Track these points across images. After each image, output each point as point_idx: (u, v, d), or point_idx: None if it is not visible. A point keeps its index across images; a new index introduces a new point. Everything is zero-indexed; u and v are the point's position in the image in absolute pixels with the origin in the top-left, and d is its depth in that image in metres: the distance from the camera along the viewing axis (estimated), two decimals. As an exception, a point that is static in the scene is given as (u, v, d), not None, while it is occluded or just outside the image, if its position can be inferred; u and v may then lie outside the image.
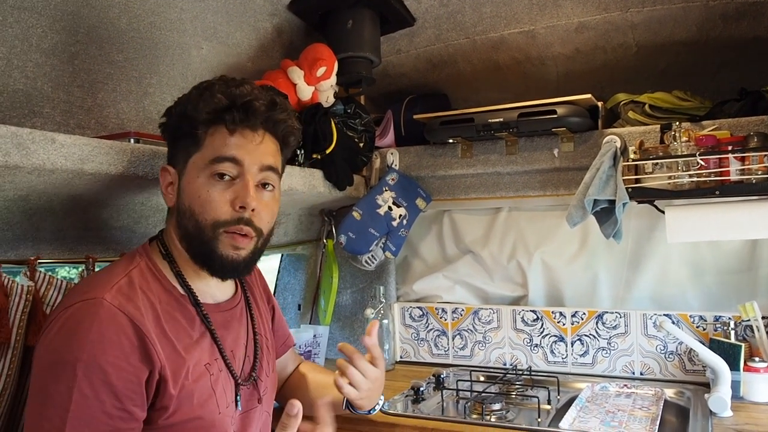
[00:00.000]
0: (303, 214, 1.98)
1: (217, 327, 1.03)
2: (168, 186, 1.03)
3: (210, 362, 0.99)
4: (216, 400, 0.98)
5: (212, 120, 0.98)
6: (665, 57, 1.73)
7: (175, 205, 1.02)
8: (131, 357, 0.87)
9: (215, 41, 1.57)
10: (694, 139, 1.46)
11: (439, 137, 1.82)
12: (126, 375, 0.86)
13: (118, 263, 1.00)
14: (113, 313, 0.87)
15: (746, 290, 1.69)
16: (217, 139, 0.98)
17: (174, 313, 0.97)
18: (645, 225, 1.78)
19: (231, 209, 0.98)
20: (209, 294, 1.06)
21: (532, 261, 1.92)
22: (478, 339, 1.95)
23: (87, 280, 0.99)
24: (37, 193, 1.09)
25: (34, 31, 1.18)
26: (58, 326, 0.87)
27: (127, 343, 0.87)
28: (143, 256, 1.01)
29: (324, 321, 2.00)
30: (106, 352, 0.84)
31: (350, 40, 1.70)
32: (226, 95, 0.98)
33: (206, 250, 0.99)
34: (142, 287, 0.95)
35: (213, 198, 0.97)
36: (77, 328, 0.85)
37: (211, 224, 0.98)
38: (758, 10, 1.50)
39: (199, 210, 0.98)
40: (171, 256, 1.02)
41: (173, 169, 1.02)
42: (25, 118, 1.18)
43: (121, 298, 0.90)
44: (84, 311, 0.87)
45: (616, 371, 1.77)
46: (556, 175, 1.78)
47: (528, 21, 1.69)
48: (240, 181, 0.99)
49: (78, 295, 0.90)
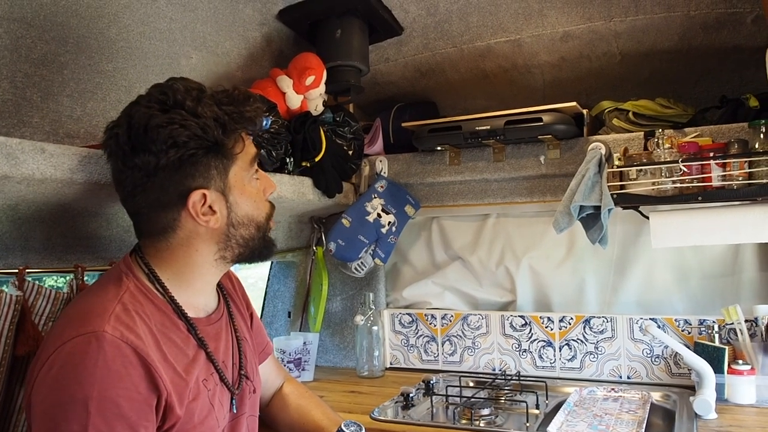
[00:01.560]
0: (292, 222, 1.99)
1: (209, 340, 1.03)
2: (206, 208, 0.98)
3: (206, 378, 1.00)
4: (215, 414, 0.99)
5: (237, 130, 1.01)
6: (648, 65, 1.76)
7: (221, 225, 1.00)
8: (140, 386, 0.86)
9: (204, 50, 1.58)
10: (676, 145, 1.49)
11: (427, 145, 1.84)
12: (138, 405, 0.85)
13: (106, 286, 0.96)
14: (117, 344, 0.85)
15: (730, 294, 1.71)
16: (243, 143, 1.03)
17: (169, 334, 0.96)
18: (630, 230, 1.80)
19: (265, 200, 1.09)
20: (200, 308, 1.06)
21: (520, 267, 1.94)
22: (468, 345, 1.97)
23: (78, 308, 0.93)
24: (26, 202, 1.09)
25: (23, 42, 1.18)
26: (60, 364, 0.84)
27: (135, 374, 0.86)
28: (129, 276, 0.97)
29: (314, 328, 2.01)
30: (116, 386, 0.83)
31: (339, 49, 1.72)
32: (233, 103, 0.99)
33: (265, 242, 1.08)
34: (137, 311, 0.92)
35: (260, 196, 1.07)
36: (82, 365, 0.83)
37: (265, 219, 1.07)
38: (737, 20, 1.54)
39: (256, 213, 1.05)
40: (155, 275, 0.99)
41: (209, 191, 0.97)
42: (14, 128, 1.18)
43: (122, 327, 0.87)
44: (85, 346, 0.84)
45: (604, 375, 1.79)
46: (543, 182, 1.80)
47: (514, 30, 1.72)
48: (259, 173, 1.08)
49: (74, 327, 0.87)
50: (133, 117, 0.94)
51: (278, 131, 1.52)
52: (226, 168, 0.99)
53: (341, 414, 1.55)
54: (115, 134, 0.96)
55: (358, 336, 1.96)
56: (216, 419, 0.99)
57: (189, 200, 0.96)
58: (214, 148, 0.97)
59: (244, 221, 1.03)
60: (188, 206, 0.96)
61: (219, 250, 1.03)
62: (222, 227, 1.01)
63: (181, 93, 0.95)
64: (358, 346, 1.97)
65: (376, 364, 1.96)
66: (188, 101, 0.95)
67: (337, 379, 1.94)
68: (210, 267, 1.04)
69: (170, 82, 0.99)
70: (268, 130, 1.48)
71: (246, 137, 1.04)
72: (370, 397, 1.70)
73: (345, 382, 1.90)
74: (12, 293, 1.10)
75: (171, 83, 0.98)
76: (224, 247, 1.03)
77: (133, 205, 1.00)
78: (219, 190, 0.99)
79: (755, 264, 1.70)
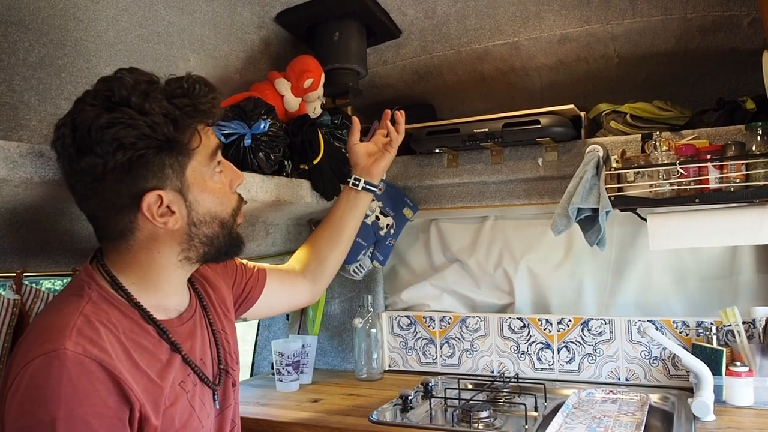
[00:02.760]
0: (291, 224, 1.99)
1: (183, 340, 0.99)
2: (163, 209, 0.93)
3: (183, 379, 0.96)
4: (197, 415, 0.97)
5: (192, 123, 0.94)
6: (646, 68, 1.76)
7: (181, 226, 0.96)
8: (109, 401, 0.82)
9: (202, 53, 1.58)
10: (674, 148, 1.49)
11: (425, 147, 1.84)
12: (108, 421, 0.81)
13: (67, 298, 0.91)
14: (80, 361, 0.80)
15: (727, 296, 1.72)
16: (200, 137, 0.95)
17: (139, 340, 0.92)
18: (628, 233, 1.81)
19: (232, 194, 1.02)
20: (171, 308, 1.02)
21: (518, 269, 1.95)
22: (466, 347, 1.97)
23: (41, 324, 0.88)
24: (24, 206, 1.09)
25: (20, 45, 1.18)
26: (24, 386, 0.79)
27: (102, 389, 0.81)
28: (92, 285, 0.92)
29: (312, 331, 2.00)
30: (83, 404, 0.79)
31: (337, 52, 1.72)
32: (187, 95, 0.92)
33: (233, 240, 1.03)
34: (101, 321, 0.87)
35: (224, 191, 1.00)
36: (45, 386, 0.79)
37: (230, 215, 1.01)
38: (734, 22, 1.54)
39: (220, 209, 1.00)
40: (117, 281, 0.94)
41: (165, 191, 0.92)
42: (11, 131, 1.18)
43: (84, 342, 0.82)
44: (47, 366, 0.80)
45: (602, 377, 1.79)
46: (541, 184, 1.80)
47: (512, 33, 1.72)
48: (222, 165, 1.01)
49: (35, 347, 0.82)
50: (78, 117, 0.88)
51: (276, 134, 1.52)
52: (182, 165, 0.93)
53: (339, 418, 1.56)
54: (61, 134, 0.90)
55: (357, 338, 1.96)
56: (198, 419, 0.97)
57: (143, 203, 0.90)
58: (166, 146, 0.90)
59: (207, 219, 0.97)
60: (143, 209, 0.90)
61: (182, 251, 0.98)
62: (183, 227, 0.95)
63: (128, 88, 0.88)
64: (357, 348, 1.97)
65: (375, 367, 1.96)
66: (134, 97, 0.87)
67: (335, 382, 1.94)
68: (175, 269, 0.99)
69: (118, 74, 0.90)
70: (266, 133, 1.47)
71: (204, 130, 0.96)
72: (369, 400, 1.70)
73: (343, 385, 1.90)
74: (10, 297, 1.11)
75: (119, 75, 0.90)
76: (188, 248, 0.98)
77: (87, 208, 0.95)
78: (176, 189, 0.93)
79: (752, 266, 1.70)
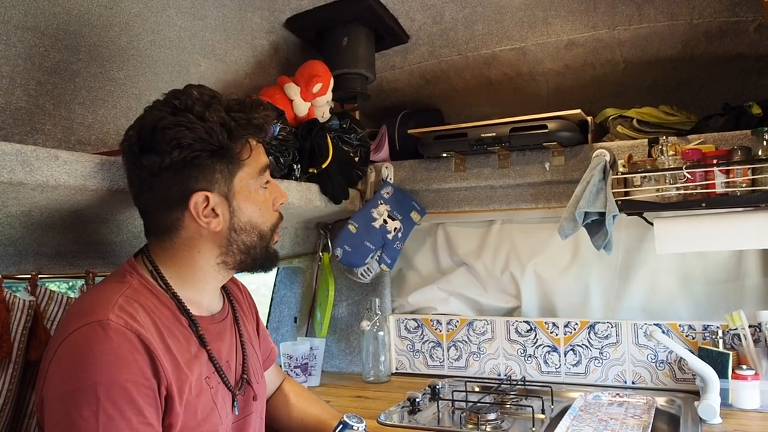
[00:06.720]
0: (299, 228, 2.00)
1: (212, 339, 1.04)
2: (208, 210, 1.00)
3: (209, 375, 1.01)
4: (218, 411, 1.00)
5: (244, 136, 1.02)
6: (652, 73, 1.77)
7: (223, 229, 1.02)
8: (146, 372, 0.88)
9: (213, 58, 1.60)
10: (680, 152, 1.50)
11: (433, 151, 1.86)
12: (145, 390, 0.87)
13: (109, 283, 0.99)
14: (121, 331, 0.87)
15: (733, 299, 1.72)
16: (253, 151, 1.04)
17: (173, 328, 0.98)
18: (634, 237, 1.82)
19: (273, 211, 1.10)
20: (204, 306, 1.07)
21: (525, 272, 1.95)
22: (473, 350, 1.97)
23: (81, 302, 0.97)
24: (39, 208, 1.11)
25: (36, 50, 1.20)
26: (68, 353, 0.86)
27: (141, 359, 0.88)
28: (133, 274, 1.00)
29: (320, 334, 2.02)
30: (123, 371, 0.85)
31: (346, 57, 1.74)
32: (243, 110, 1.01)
33: (268, 253, 1.10)
34: (140, 303, 0.94)
35: (267, 206, 1.08)
36: (89, 352, 0.85)
37: (270, 229, 1.09)
38: (740, 28, 1.55)
39: (260, 221, 1.06)
40: (159, 271, 1.02)
41: (212, 194, 1.00)
42: (27, 135, 1.20)
43: (125, 315, 0.89)
44: (90, 334, 0.86)
45: (609, 380, 1.79)
46: (548, 188, 1.81)
47: (519, 38, 1.74)
48: (269, 183, 1.09)
49: (78, 318, 0.89)
50: (145, 119, 0.99)
51: (286, 138, 1.54)
52: (231, 173, 1.01)
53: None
54: (128, 135, 1.01)
55: (364, 341, 1.97)
56: (219, 416, 1.00)
57: (191, 201, 0.98)
58: (219, 153, 0.99)
59: (247, 228, 1.04)
60: (190, 207, 0.98)
61: (221, 254, 1.04)
62: (224, 231, 1.02)
63: (192, 98, 0.98)
64: (364, 351, 1.98)
65: (382, 369, 1.97)
66: (197, 106, 0.97)
67: (343, 384, 1.95)
68: (212, 270, 1.06)
69: (187, 88, 1.02)
70: (276, 137, 1.49)
71: (256, 145, 1.05)
72: (377, 402, 1.71)
73: (351, 387, 1.91)
74: (25, 298, 1.12)
75: (187, 89, 1.01)
76: (226, 252, 1.04)
77: (141, 203, 1.04)
78: (223, 194, 1.01)
79: (759, 270, 1.71)
